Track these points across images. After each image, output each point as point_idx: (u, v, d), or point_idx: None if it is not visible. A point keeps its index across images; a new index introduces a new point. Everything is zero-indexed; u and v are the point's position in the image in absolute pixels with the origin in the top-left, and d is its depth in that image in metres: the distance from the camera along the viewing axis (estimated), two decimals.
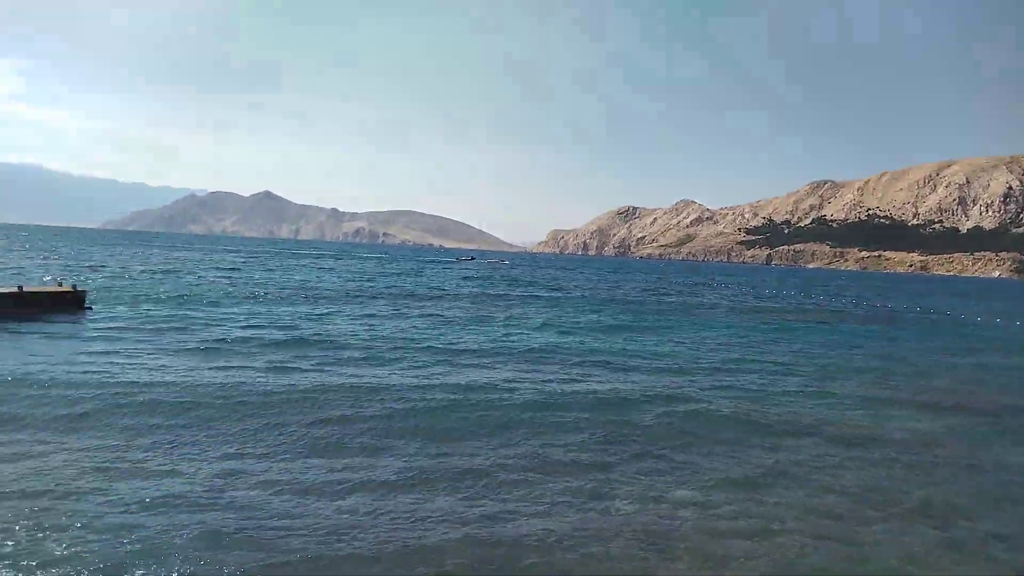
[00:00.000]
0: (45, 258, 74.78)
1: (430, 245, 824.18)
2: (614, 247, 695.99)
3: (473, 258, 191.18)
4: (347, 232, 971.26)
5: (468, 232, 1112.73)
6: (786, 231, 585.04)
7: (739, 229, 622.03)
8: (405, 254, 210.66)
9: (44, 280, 41.07)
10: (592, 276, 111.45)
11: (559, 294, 61.34)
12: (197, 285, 49.00)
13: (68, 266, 62.76)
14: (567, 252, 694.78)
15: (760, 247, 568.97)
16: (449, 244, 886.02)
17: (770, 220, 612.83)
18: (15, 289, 28.93)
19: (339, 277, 69.56)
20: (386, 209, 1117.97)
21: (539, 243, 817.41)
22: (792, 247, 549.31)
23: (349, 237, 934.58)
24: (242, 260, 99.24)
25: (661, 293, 71.50)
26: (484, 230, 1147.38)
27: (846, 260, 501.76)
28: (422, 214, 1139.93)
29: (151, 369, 18.77)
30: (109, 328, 25.82)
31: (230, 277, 60.17)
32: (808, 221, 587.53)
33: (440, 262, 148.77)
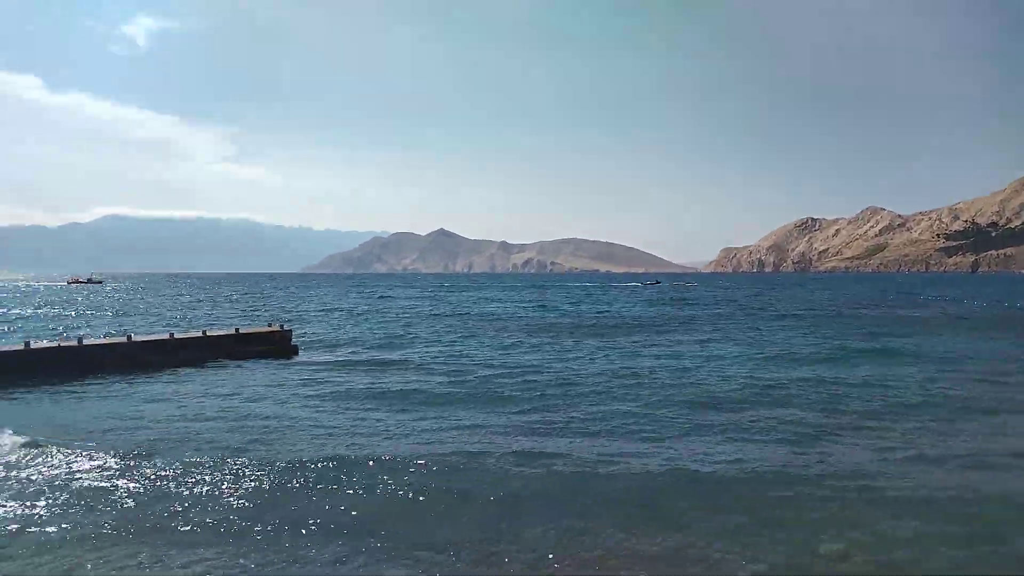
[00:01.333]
0: (254, 302, 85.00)
1: (595, 271, 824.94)
2: (793, 263, 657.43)
3: (659, 282, 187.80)
4: (516, 263, 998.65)
5: (634, 255, 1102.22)
6: (993, 234, 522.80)
7: (937, 235, 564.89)
8: (588, 283, 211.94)
9: (255, 322, 47.14)
10: (801, 294, 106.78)
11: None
12: (395, 323, 53.62)
13: (278, 308, 71.04)
14: (740, 271, 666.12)
15: (963, 253, 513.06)
16: (616, 269, 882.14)
17: (974, 223, 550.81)
18: (232, 331, 33.89)
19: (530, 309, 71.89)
20: (552, 239, 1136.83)
21: (710, 262, 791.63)
22: (1002, 252, 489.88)
23: (518, 268, 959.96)
24: (428, 295, 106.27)
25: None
26: (651, 252, 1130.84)
27: None
28: (587, 241, 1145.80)
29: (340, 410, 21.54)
30: (311, 365, 29.70)
31: (411, 312, 65.04)
32: (1020, 222, 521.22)
33: (624, 287, 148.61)
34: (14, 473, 13.31)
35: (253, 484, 12.57)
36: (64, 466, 13.67)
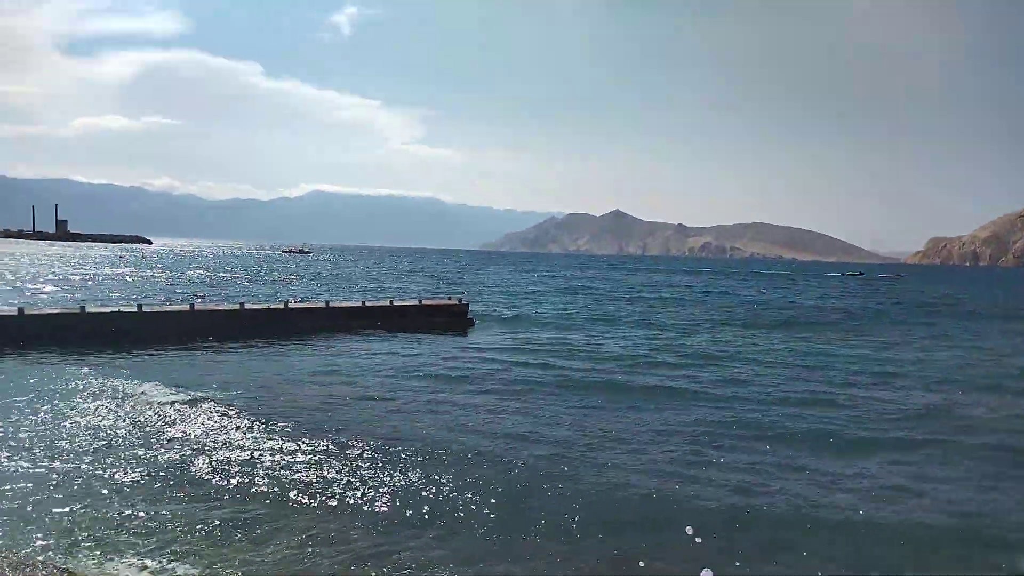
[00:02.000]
0: (434, 275, 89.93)
1: (779, 258, 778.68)
2: (1015, 256, 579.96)
3: (862, 273, 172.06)
4: (693, 247, 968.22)
5: (825, 243, 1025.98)
6: None
7: None
8: (781, 271, 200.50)
9: (436, 294, 50.00)
10: None
11: None
12: (567, 303, 54.58)
13: (455, 282, 74.80)
14: (951, 263, 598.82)
15: None
16: (804, 257, 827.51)
17: None
18: (416, 301, 36.29)
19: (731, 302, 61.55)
20: (733, 222, 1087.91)
21: (914, 253, 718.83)
22: None
23: (695, 252, 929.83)
24: (594, 275, 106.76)
25: None
26: (845, 240, 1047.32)
27: None
28: (772, 225, 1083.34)
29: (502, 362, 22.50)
30: (484, 338, 31.21)
31: (582, 293, 65.60)
32: None
33: (824, 278, 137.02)
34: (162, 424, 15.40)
35: (401, 468, 13.59)
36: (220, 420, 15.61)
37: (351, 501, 10.61)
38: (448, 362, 23.93)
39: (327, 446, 13.29)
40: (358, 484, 11.31)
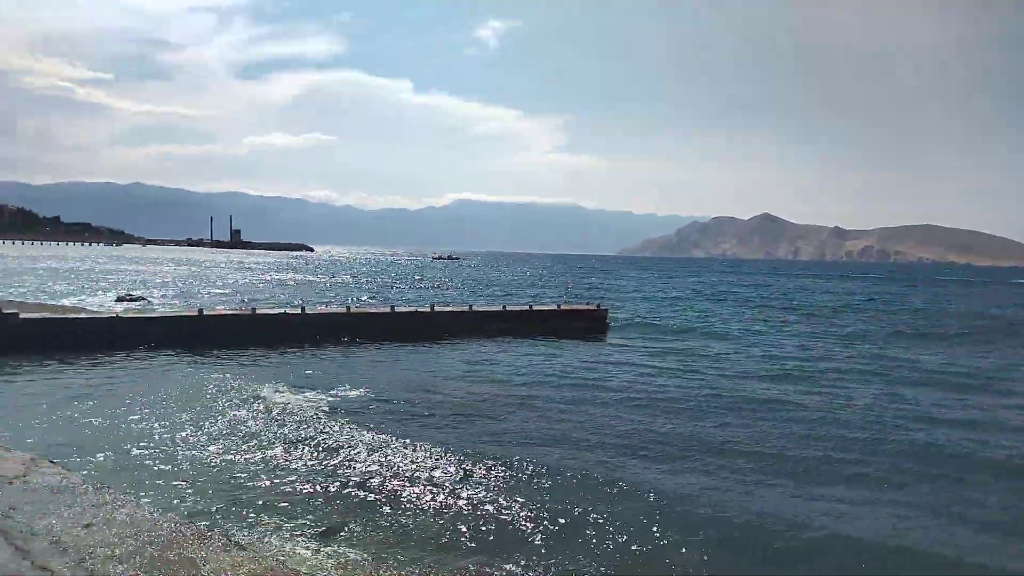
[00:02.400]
0: (573, 280, 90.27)
1: (951, 263, 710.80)
2: None
3: None
4: (851, 251, 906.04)
5: (1002, 246, 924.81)
6: None
7: None
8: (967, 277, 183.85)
9: (575, 299, 50.23)
10: None
11: None
12: (710, 311, 53.25)
13: (594, 287, 74.75)
14: None
15: None
16: (979, 262, 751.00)
17: None
18: (555, 306, 36.74)
19: None
20: (896, 224, 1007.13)
21: None
22: None
23: (853, 256, 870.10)
24: (750, 282, 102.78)
25: None
26: None
27: None
28: (942, 228, 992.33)
29: (637, 374, 22.26)
30: (623, 339, 31.07)
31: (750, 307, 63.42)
32: None
33: None
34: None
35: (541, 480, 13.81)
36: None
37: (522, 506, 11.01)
38: (586, 368, 24.06)
39: (492, 450, 13.87)
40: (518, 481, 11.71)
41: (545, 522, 10.05)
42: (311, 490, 11.01)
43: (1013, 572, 9.24)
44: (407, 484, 11.39)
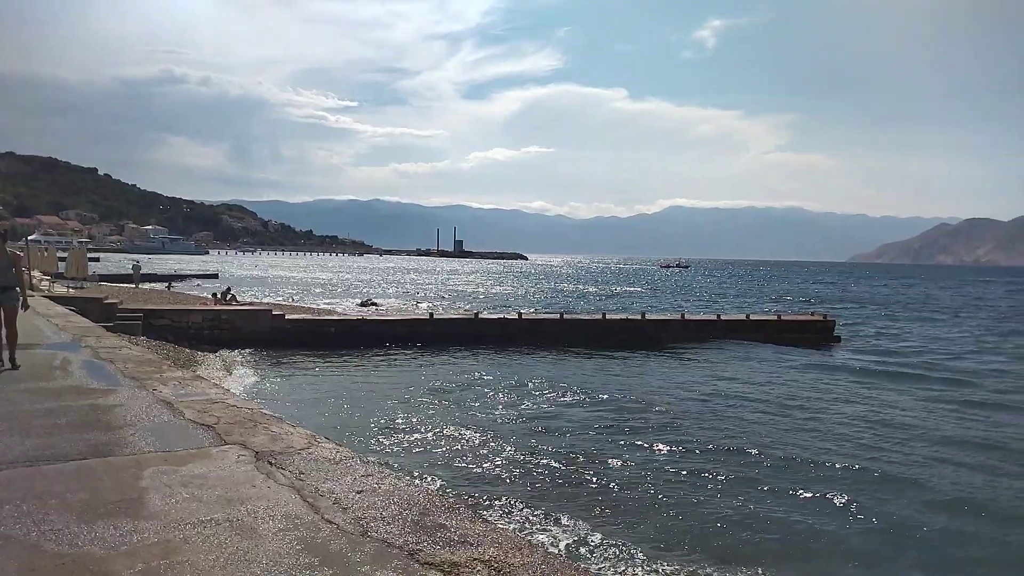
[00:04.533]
0: (794, 288, 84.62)
1: None
2: None
3: None
4: None
5: None
6: None
7: None
8: None
9: (799, 309, 47.24)
10: None
11: None
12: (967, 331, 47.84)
13: (821, 296, 69.61)
14: None
15: None
16: None
17: None
18: (774, 316, 34.92)
19: None
20: None
21: None
22: None
23: None
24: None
25: None
26: None
27: None
28: None
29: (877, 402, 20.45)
30: (851, 359, 28.73)
31: None
32: None
33: None
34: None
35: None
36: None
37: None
38: (811, 381, 22.71)
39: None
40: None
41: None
42: (564, 481, 11.72)
43: None
44: (668, 485, 11.70)
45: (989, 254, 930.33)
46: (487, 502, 10.45)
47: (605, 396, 19.11)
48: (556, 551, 7.77)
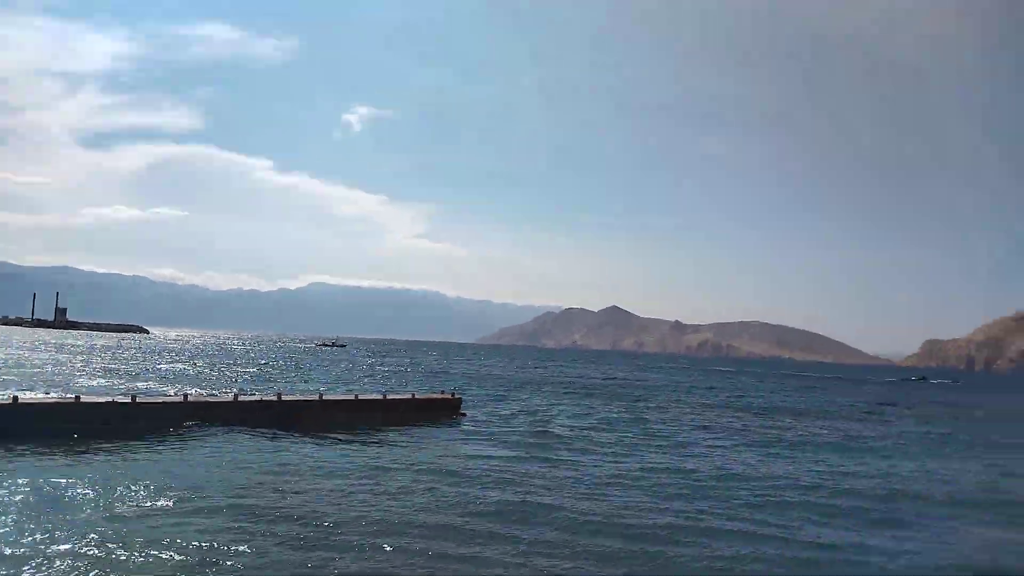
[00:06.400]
0: (431, 368, 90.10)
1: (776, 357, 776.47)
2: (1010, 361, 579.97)
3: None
4: (690, 345, 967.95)
5: (821, 343, 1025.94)
6: None
7: None
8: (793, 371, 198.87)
9: (431, 388, 50.33)
10: None
11: None
12: (555, 398, 54.84)
13: (450, 373, 74.97)
14: (948, 365, 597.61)
15: None
16: (800, 356, 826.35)
17: None
18: (409, 395, 36.80)
19: None
20: (732, 320, 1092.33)
21: (909, 355, 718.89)
22: None
23: (692, 350, 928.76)
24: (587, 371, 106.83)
25: None
26: (842, 340, 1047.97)
27: None
28: (768, 324, 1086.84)
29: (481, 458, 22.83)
30: (474, 430, 31.61)
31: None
32: None
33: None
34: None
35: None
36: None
37: None
38: (439, 458, 24.27)
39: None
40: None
41: None
42: None
43: None
44: None
45: (583, 338, 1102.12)
46: None
47: (236, 491, 17.94)
48: None
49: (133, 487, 17.16)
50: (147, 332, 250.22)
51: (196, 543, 13.07)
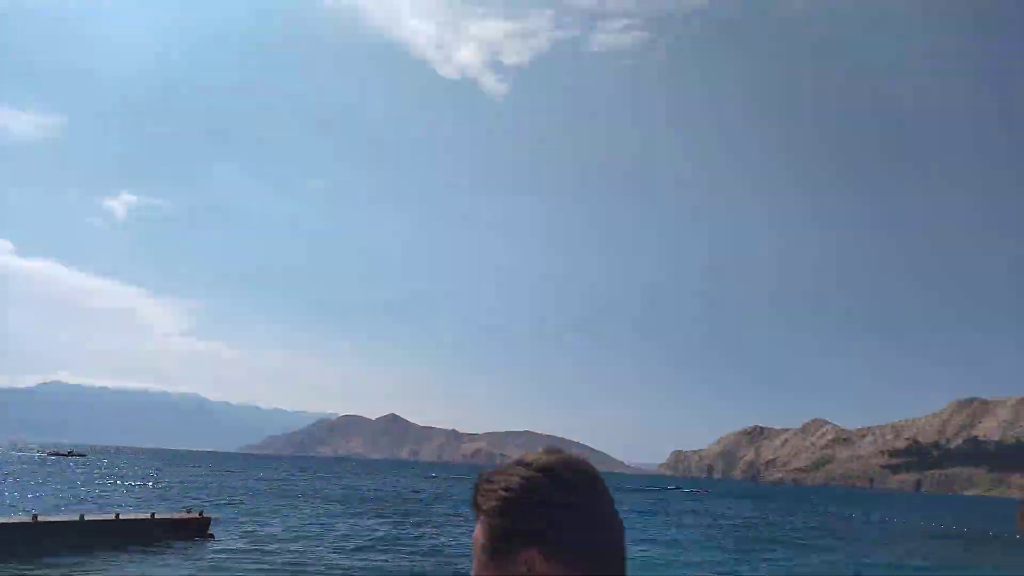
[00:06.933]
0: (182, 481, 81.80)
1: None
2: (742, 471, 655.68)
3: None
4: (466, 453, 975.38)
5: (587, 454, 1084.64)
6: (935, 454, 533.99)
7: (881, 452, 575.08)
8: None
9: (177, 504, 45.88)
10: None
11: None
12: (312, 512, 52.46)
13: (204, 489, 68.57)
14: (690, 475, 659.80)
15: (908, 471, 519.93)
16: None
17: (916, 442, 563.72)
18: (148, 515, 33.32)
19: None
20: (504, 429, 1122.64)
21: (660, 464, 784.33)
22: (943, 471, 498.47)
23: (468, 458, 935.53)
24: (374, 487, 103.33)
25: None
26: (602, 451, 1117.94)
27: (1009, 487, 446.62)
28: (539, 434, 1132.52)
29: None
30: (224, 554, 29.38)
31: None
32: (959, 442, 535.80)
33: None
34: None
35: None
36: None
37: None
38: None
39: None
40: None
41: None
42: None
43: None
44: None
45: (360, 447, 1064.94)
46: None
47: None
48: None
49: None
50: None
51: None
